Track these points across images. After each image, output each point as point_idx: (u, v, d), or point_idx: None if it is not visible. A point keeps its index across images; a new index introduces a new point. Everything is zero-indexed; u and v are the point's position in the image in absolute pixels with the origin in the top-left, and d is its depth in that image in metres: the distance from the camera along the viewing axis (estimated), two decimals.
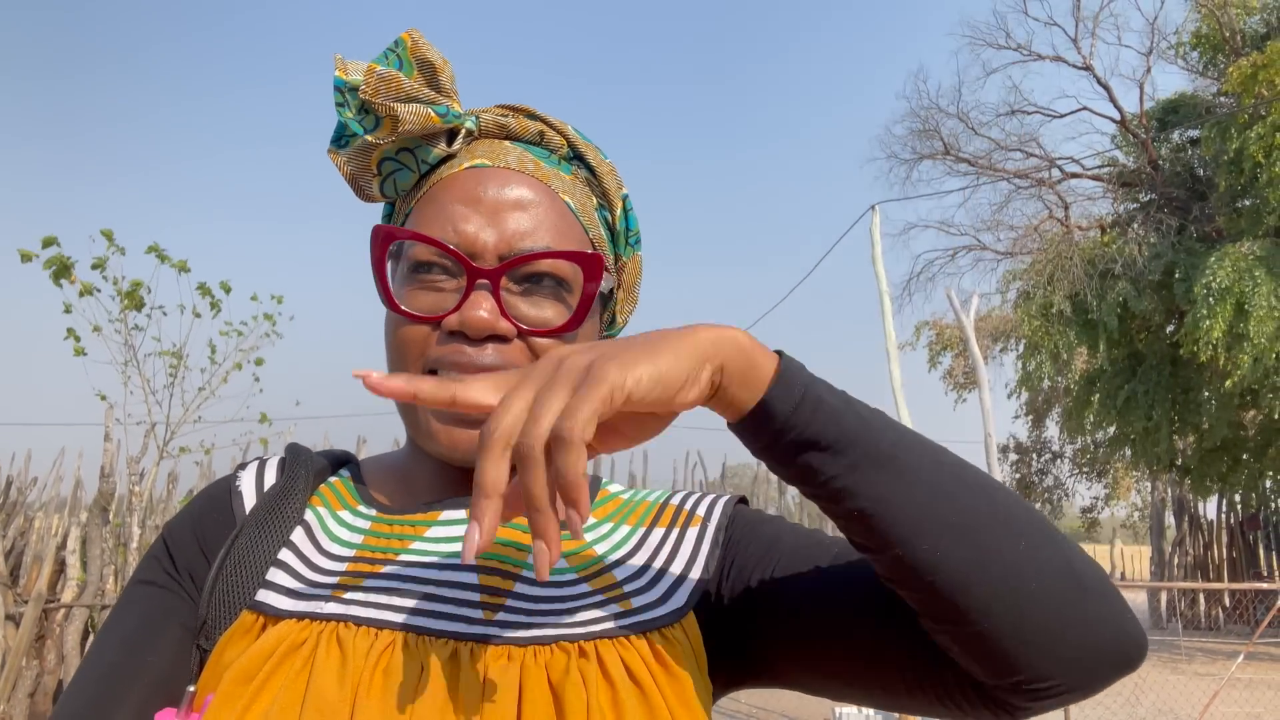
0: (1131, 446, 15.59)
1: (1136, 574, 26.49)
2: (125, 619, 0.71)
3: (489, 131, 0.77)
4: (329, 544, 0.72)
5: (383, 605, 0.66)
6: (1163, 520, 16.93)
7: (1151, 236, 13.62)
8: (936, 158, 16.31)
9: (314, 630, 0.64)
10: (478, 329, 0.68)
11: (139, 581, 0.74)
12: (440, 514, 0.73)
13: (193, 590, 0.72)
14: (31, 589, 5.79)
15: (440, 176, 0.74)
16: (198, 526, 0.76)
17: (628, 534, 0.76)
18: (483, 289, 0.69)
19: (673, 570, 0.73)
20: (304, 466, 0.78)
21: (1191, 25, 14.46)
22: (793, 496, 19.16)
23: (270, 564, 0.70)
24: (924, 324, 21.38)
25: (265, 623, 0.66)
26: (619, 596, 0.69)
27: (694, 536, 0.75)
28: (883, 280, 6.00)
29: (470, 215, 0.71)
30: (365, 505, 0.76)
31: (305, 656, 0.63)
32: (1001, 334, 18.80)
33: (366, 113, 0.72)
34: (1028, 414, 25.01)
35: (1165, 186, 14.06)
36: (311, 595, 0.68)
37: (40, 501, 17.76)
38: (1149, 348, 14.48)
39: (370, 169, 0.75)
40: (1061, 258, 13.66)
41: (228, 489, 0.78)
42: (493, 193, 0.72)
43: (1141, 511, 26.19)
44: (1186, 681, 9.88)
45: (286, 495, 0.75)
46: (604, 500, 0.80)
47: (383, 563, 0.70)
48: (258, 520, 0.73)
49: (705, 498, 0.80)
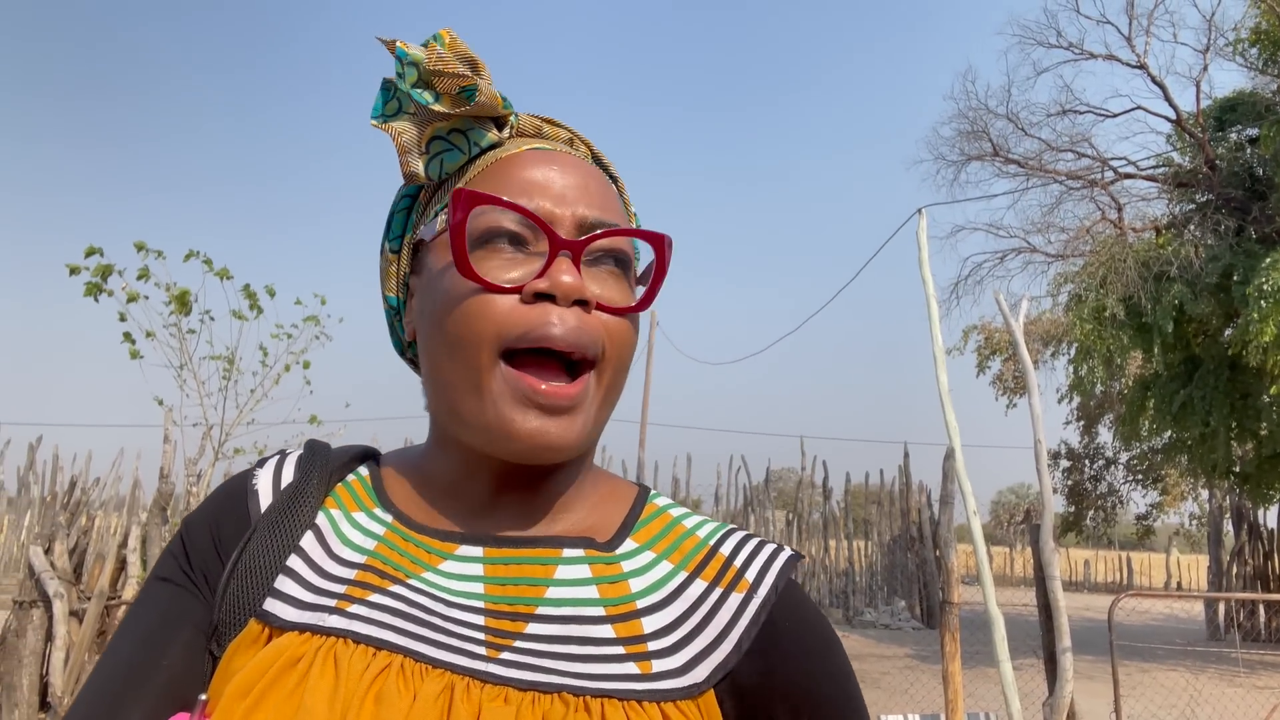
0: (1188, 453, 15.20)
1: (1194, 584, 25.83)
2: (142, 617, 0.71)
3: (524, 131, 0.77)
4: (340, 549, 0.71)
5: (385, 625, 0.65)
6: (1221, 529, 16.49)
7: (1208, 238, 13.28)
8: (985, 159, 16.05)
9: (313, 645, 0.64)
10: (567, 292, 0.66)
11: (156, 578, 0.73)
12: (458, 549, 0.71)
13: (207, 591, 0.71)
14: (94, 586, 5.96)
15: (498, 157, 0.73)
16: (215, 524, 0.75)
17: (667, 574, 0.71)
18: (565, 258, 0.68)
19: (703, 638, 0.68)
20: (319, 465, 0.77)
21: (1250, 21, 14.08)
22: (837, 502, 19.04)
23: (279, 570, 0.69)
24: (972, 328, 21.07)
25: (270, 633, 0.66)
26: (640, 655, 0.66)
27: (735, 604, 0.70)
28: (929, 285, 5.93)
29: (546, 188, 0.70)
30: (382, 509, 0.74)
31: (301, 673, 0.62)
32: (1053, 338, 18.45)
33: (425, 88, 0.71)
34: (1080, 420, 24.55)
35: (1223, 187, 13.71)
36: (316, 606, 0.67)
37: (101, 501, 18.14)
38: (1206, 352, 14.11)
39: (420, 145, 0.73)
40: (1115, 260, 13.36)
41: (244, 487, 0.77)
42: (563, 170, 0.72)
43: (1199, 520, 25.52)
44: (1244, 694, 9.61)
45: (299, 497, 0.74)
46: (650, 518, 0.76)
47: (392, 580, 0.68)
48: (270, 523, 0.72)
49: (759, 555, 0.74)
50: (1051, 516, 5.29)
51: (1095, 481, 26.98)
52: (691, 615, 0.69)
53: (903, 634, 15.39)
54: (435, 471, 0.75)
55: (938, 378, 5.59)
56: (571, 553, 0.71)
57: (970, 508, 5.33)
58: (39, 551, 5.98)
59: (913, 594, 17.29)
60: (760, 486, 19.06)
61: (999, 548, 31.00)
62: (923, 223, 6.14)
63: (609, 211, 0.72)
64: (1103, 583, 29.79)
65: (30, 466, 19.72)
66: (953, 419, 5.46)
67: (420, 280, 0.75)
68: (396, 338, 0.83)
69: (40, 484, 19.17)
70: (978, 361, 21.60)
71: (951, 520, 6.74)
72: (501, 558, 0.70)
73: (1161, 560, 29.41)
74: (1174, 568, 26.47)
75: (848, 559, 18.42)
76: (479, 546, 0.71)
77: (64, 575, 5.92)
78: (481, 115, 0.73)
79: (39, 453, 19.94)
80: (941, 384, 5.56)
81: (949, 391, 5.54)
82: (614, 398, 0.73)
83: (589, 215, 0.71)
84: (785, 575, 0.72)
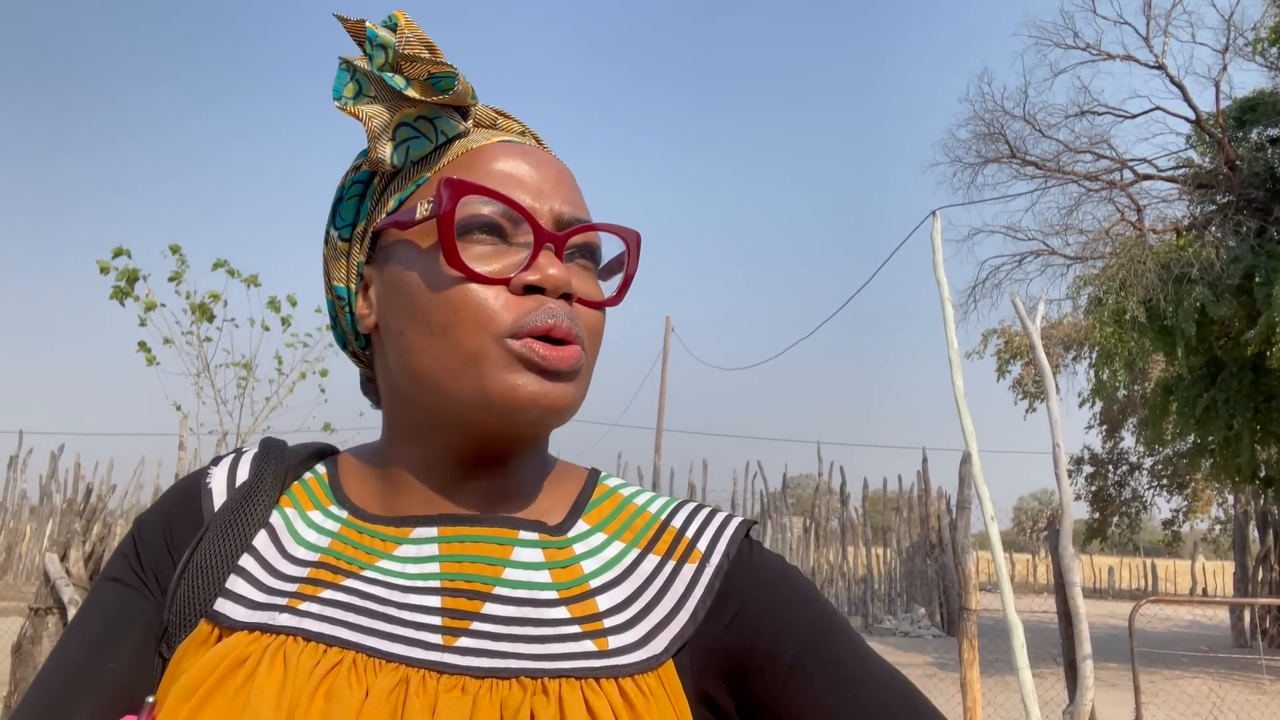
0: (1212, 457, 15.03)
1: (1219, 590, 25.54)
2: (91, 619, 0.70)
3: (481, 122, 0.75)
4: (294, 547, 0.70)
5: (336, 621, 0.64)
6: (1246, 534, 16.30)
7: (1230, 239, 13.13)
8: (1002, 161, 15.95)
9: (261, 644, 0.62)
10: (557, 285, 0.67)
11: (108, 578, 0.72)
12: (412, 531, 0.69)
13: (158, 592, 0.70)
14: None
15: (468, 147, 0.72)
16: (167, 524, 0.73)
17: (619, 554, 0.71)
18: (549, 251, 0.68)
19: (658, 612, 0.68)
20: (274, 463, 0.76)
21: (1270, 20, 13.94)
22: (855, 508, 18.95)
23: (231, 570, 0.68)
24: (991, 331, 20.90)
25: (220, 634, 0.65)
26: (596, 632, 0.65)
27: (689, 575, 0.70)
28: (944, 287, 5.87)
29: (525, 182, 0.70)
30: (337, 505, 0.73)
31: (247, 673, 0.60)
32: (1073, 341, 18.32)
33: (396, 71, 0.69)
34: (1102, 424, 24.31)
35: (1244, 187, 13.55)
36: (267, 605, 0.66)
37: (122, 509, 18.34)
38: (1228, 354, 13.94)
39: (389, 130, 0.70)
40: (1135, 262, 13.23)
41: (198, 486, 0.76)
42: (539, 165, 0.72)
43: (1224, 525, 25.23)
44: (1269, 701, 9.47)
45: (252, 495, 0.72)
46: (601, 499, 0.76)
47: (345, 574, 0.67)
48: (223, 522, 0.70)
49: (709, 524, 0.74)
50: (1071, 522, 5.22)
51: (1119, 487, 26.66)
52: (645, 590, 0.69)
53: (923, 641, 15.28)
54: (393, 463, 0.73)
55: (954, 382, 5.53)
56: (527, 535, 0.70)
57: (988, 513, 5.26)
58: (54, 558, 6.01)
59: (932, 601, 17.17)
60: (777, 493, 19.01)
61: (1022, 554, 30.77)
62: (937, 225, 6.08)
63: (581, 207, 0.73)
64: (1127, 589, 29.51)
65: (52, 475, 19.96)
66: (969, 423, 5.39)
67: (385, 270, 0.72)
68: (341, 330, 0.79)
69: (62, 492, 19.38)
70: (997, 365, 21.44)
71: (969, 526, 6.67)
72: (457, 536, 0.69)
73: (1187, 567, 29.11)
74: (1199, 574, 26.19)
75: (866, 566, 18.33)
76: (434, 527, 0.70)
77: (79, 582, 5.94)
78: (451, 104, 0.71)
79: (60, 461, 20.18)
80: (957, 388, 5.50)
81: (965, 395, 5.47)
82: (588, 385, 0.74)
83: (565, 210, 0.71)
84: (736, 541, 0.72)
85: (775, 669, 0.65)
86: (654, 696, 0.63)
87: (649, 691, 0.63)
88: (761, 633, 0.67)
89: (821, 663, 0.66)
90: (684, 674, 0.66)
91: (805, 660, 0.65)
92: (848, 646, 0.68)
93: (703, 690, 0.67)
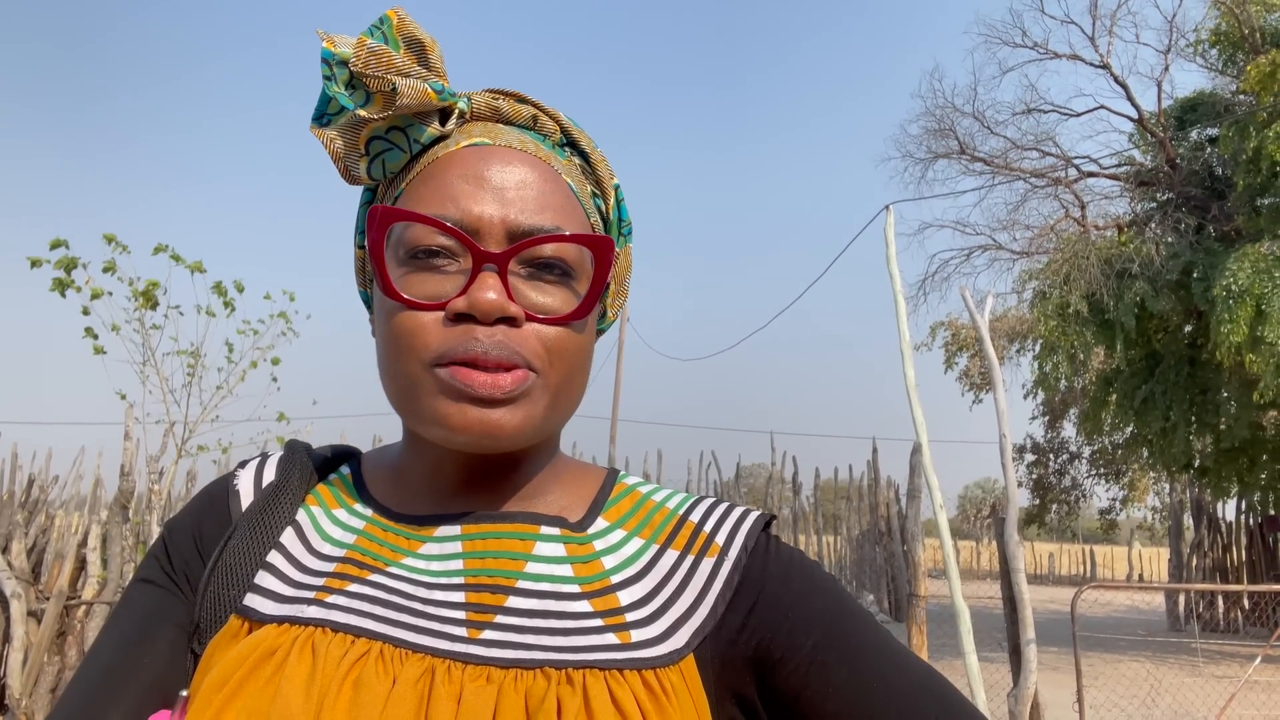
0: (1149, 447, 15.47)
1: (1155, 576, 26.30)
2: (124, 619, 0.72)
3: (480, 114, 0.73)
4: (320, 544, 0.71)
5: (363, 613, 0.65)
6: (1181, 522, 16.79)
7: (1169, 236, 13.50)
8: (952, 157, 16.22)
9: (290, 636, 0.64)
10: (487, 311, 0.64)
11: (139, 580, 0.74)
12: (436, 530, 0.70)
13: (188, 591, 0.72)
14: (53, 586, 5.84)
15: (436, 155, 0.70)
16: (196, 525, 0.75)
17: (639, 549, 0.71)
18: (490, 271, 0.65)
19: (679, 606, 0.68)
20: (300, 464, 0.77)
21: (1210, 23, 14.32)
22: (807, 497, 19.16)
23: (260, 567, 0.69)
24: (939, 324, 21.29)
25: (250, 627, 0.66)
26: (619, 626, 0.66)
27: (708, 570, 0.70)
28: (897, 281, 5.97)
29: (475, 194, 0.67)
30: (362, 504, 0.74)
31: (277, 663, 0.62)
32: (1018, 334, 18.69)
33: (355, 88, 0.68)
34: (1045, 415, 24.87)
35: (1183, 185, 13.94)
36: (295, 599, 0.67)
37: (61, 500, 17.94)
38: (1166, 348, 14.36)
39: (359, 148, 0.70)
40: (1078, 257, 13.55)
41: (226, 488, 0.77)
42: (497, 171, 0.68)
43: (1160, 513, 25.97)
44: (1204, 684, 9.80)
45: (279, 495, 0.74)
46: (620, 496, 0.76)
47: (371, 569, 0.68)
48: (251, 521, 0.72)
49: (728, 518, 0.73)
50: (1016, 510, 5.34)
51: (1059, 476, 27.34)
52: (666, 584, 0.69)
53: None
54: (411, 464, 0.75)
55: (905, 373, 5.63)
56: (549, 530, 0.71)
57: (937, 502, 5.37)
58: None
59: (881, 588, 17.44)
60: (731, 482, 19.11)
61: (966, 541, 31.36)
62: (890, 219, 6.17)
63: (547, 212, 0.68)
64: (1066, 575, 30.24)
65: None
66: (920, 414, 5.50)
67: (372, 287, 0.74)
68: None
69: (0, 483, 18.82)
70: (945, 357, 21.84)
71: (919, 515, 6.80)
72: (480, 533, 0.70)
73: (1124, 553, 29.92)
74: (1136, 561, 26.93)
75: (817, 553, 18.54)
76: (457, 525, 0.70)
77: (21, 575, 5.79)
78: (420, 111, 0.69)
79: None
80: (909, 379, 5.60)
81: (916, 387, 5.58)
82: (566, 399, 0.71)
83: (521, 222, 0.67)
84: (754, 534, 0.72)
85: (796, 660, 0.65)
86: (676, 691, 0.63)
87: (671, 686, 0.63)
88: (780, 625, 0.67)
89: (841, 654, 0.66)
90: (705, 668, 0.66)
91: (825, 651, 0.66)
92: (868, 638, 0.68)
93: (726, 684, 0.67)
